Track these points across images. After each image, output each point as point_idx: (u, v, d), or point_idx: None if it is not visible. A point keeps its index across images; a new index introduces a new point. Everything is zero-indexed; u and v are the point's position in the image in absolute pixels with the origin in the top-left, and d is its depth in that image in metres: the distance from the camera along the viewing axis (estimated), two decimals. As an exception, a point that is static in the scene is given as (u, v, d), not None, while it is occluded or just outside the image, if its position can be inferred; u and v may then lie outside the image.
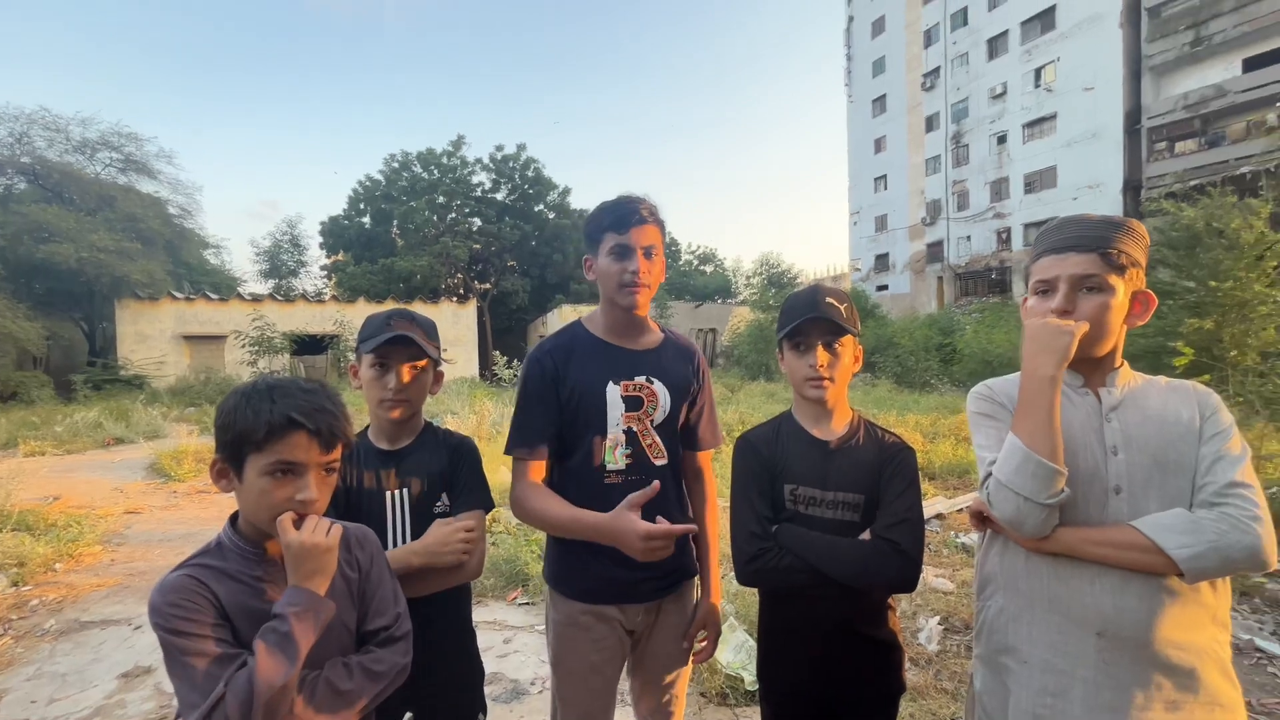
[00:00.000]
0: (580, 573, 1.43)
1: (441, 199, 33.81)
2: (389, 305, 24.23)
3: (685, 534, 1.23)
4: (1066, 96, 28.03)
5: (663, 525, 1.19)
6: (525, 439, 1.42)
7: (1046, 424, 1.03)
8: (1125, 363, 1.15)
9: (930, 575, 3.78)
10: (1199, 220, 6.73)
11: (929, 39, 35.41)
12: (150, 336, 21.45)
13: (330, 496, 1.04)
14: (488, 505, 1.45)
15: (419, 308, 24.41)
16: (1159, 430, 1.06)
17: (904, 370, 16.65)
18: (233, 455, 0.97)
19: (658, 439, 1.45)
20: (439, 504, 1.40)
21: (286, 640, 0.88)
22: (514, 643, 3.17)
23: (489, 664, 2.93)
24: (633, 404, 1.43)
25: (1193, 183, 20.74)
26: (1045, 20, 28.99)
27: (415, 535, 1.36)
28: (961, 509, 5.26)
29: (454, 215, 34.34)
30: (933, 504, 5.35)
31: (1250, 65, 23.11)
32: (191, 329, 22.05)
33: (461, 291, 33.52)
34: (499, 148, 35.25)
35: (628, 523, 1.21)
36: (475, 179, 35.38)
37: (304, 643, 0.90)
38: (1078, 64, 27.52)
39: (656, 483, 1.25)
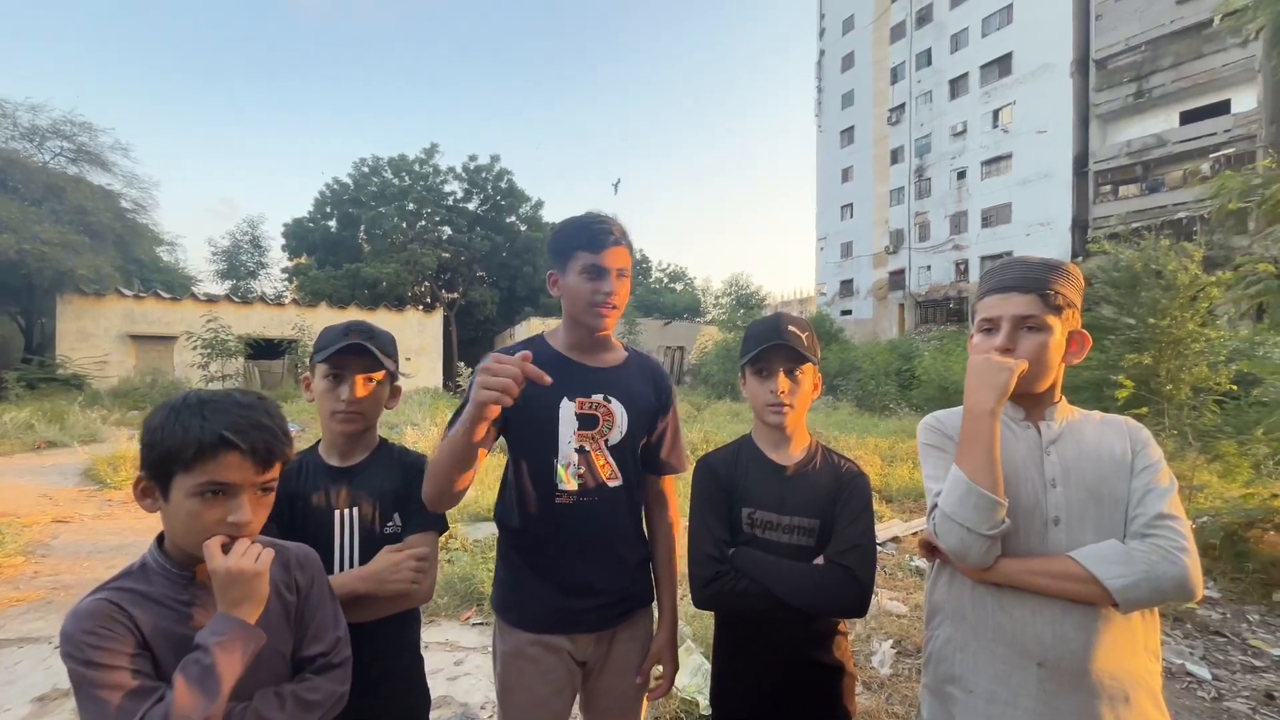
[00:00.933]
0: (528, 600, 1.38)
1: (411, 206, 33.34)
2: (352, 311, 23.63)
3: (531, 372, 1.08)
4: (1021, 138, 29.51)
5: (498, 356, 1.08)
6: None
7: (987, 457, 1.06)
8: (1064, 398, 1.21)
9: (884, 598, 3.84)
10: (1137, 261, 7.14)
11: (895, 76, 36.91)
12: (94, 335, 20.35)
13: (267, 517, 0.98)
14: (441, 527, 1.41)
15: (384, 315, 24.00)
16: (1094, 464, 1.11)
17: (865, 394, 17.01)
18: (159, 474, 0.90)
19: (610, 460, 1.40)
20: (390, 525, 1.35)
21: (208, 674, 0.82)
22: (465, 664, 3.08)
23: (439, 687, 2.84)
24: (587, 422, 1.39)
25: (1134, 225, 21.98)
26: (1003, 65, 30.58)
27: (364, 556, 1.31)
28: (916, 532, 5.38)
29: (424, 223, 33.86)
30: (889, 527, 5.45)
31: (1187, 118, 24.79)
32: (140, 328, 21.02)
33: (428, 300, 32.98)
34: (473, 157, 35.10)
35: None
36: (447, 188, 35.05)
37: (228, 676, 0.84)
38: (1032, 108, 29.04)
39: (528, 351, 1.12)
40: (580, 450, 1.37)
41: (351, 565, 1.31)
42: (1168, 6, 24.45)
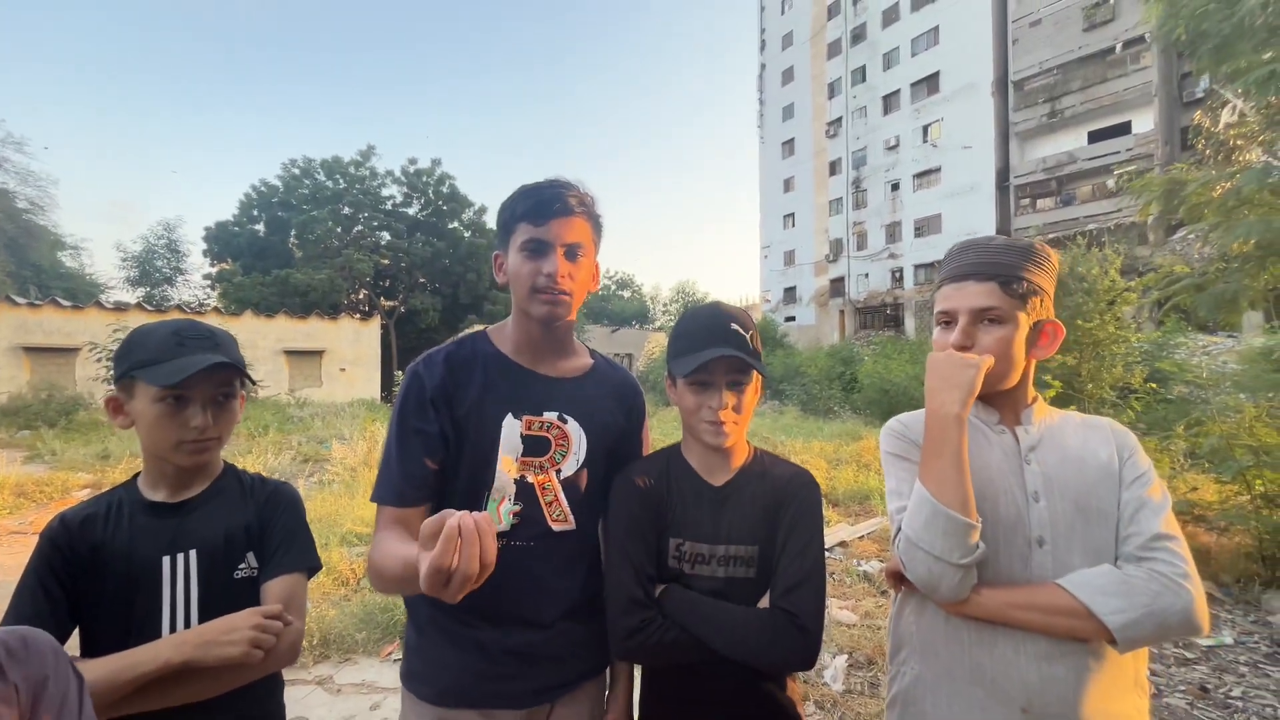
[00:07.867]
0: (439, 668, 1.12)
1: (347, 210, 31.87)
2: (280, 319, 22.30)
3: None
4: (949, 152, 31.11)
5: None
6: (393, 487, 1.07)
7: (955, 470, 0.91)
8: (1039, 397, 1.06)
9: (834, 607, 3.74)
10: (1064, 267, 7.51)
11: (832, 91, 38.28)
12: (-21, 347, 18.38)
13: None
14: (312, 566, 1.14)
15: (317, 323, 22.77)
16: (1079, 472, 0.97)
17: (809, 398, 17.34)
18: None
19: (562, 497, 1.14)
20: (242, 567, 1.08)
21: None
22: (383, 708, 2.76)
23: (348, 738, 2.52)
24: (535, 447, 1.12)
25: (1050, 235, 23.52)
26: (931, 84, 32.22)
27: (208, 607, 1.03)
28: (863, 536, 5.36)
29: (360, 227, 32.41)
30: (835, 531, 5.41)
31: (1094, 137, 26.77)
32: (35, 339, 19.08)
33: (365, 308, 31.56)
34: (412, 161, 33.86)
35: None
36: (385, 191, 33.68)
37: None
38: (958, 124, 30.69)
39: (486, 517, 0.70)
40: (521, 482, 1.11)
41: (187, 622, 1.03)
42: (1076, 33, 26.38)
